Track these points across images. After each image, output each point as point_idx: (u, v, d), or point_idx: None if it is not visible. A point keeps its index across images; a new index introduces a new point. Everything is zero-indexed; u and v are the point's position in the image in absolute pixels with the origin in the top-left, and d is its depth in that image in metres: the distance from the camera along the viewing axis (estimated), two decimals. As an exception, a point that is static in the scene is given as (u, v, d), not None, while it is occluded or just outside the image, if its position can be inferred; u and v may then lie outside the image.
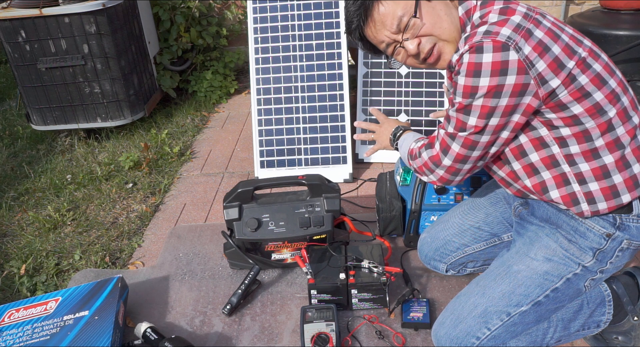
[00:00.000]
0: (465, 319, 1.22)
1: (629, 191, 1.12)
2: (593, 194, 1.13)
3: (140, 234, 2.06)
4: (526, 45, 1.02)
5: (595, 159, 1.11)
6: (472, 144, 1.14)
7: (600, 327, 1.31)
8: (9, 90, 3.94)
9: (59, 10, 2.51)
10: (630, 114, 1.11)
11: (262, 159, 2.36)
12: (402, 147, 1.42)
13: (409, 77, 2.45)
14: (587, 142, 1.10)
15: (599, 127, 1.09)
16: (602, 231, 1.15)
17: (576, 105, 1.07)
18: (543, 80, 1.03)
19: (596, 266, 1.18)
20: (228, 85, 3.43)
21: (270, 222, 1.63)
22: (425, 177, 1.30)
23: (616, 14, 2.75)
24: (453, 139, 1.16)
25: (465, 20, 1.13)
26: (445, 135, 1.18)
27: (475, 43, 1.03)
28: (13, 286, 1.83)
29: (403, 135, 1.45)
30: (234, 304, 1.56)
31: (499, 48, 1.01)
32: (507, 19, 1.04)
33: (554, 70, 1.03)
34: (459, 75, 1.07)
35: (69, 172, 2.59)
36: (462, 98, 1.08)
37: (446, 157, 1.19)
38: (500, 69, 1.01)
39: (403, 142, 1.43)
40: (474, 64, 1.03)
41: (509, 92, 1.04)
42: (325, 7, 2.40)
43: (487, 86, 1.03)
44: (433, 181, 1.28)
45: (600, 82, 1.07)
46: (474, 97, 1.06)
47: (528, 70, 1.02)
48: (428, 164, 1.25)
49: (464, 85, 1.06)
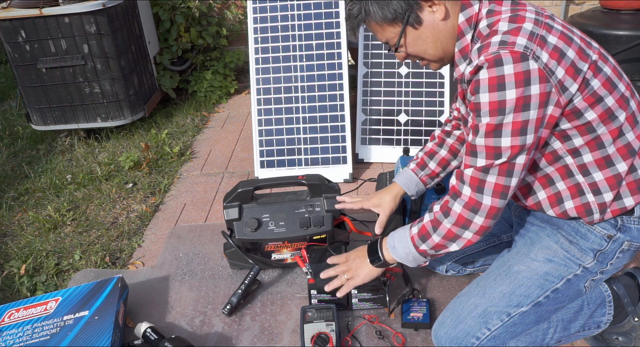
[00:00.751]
0: (465, 319, 1.21)
1: (632, 195, 1.12)
2: (606, 204, 1.12)
3: (140, 234, 2.06)
4: (543, 53, 0.99)
5: (608, 168, 1.10)
6: (509, 169, 1.04)
7: (600, 328, 1.31)
8: (9, 90, 3.94)
9: (59, 10, 2.51)
10: (638, 119, 1.11)
11: (262, 159, 2.36)
12: (396, 246, 1.23)
13: (409, 77, 2.45)
14: (599, 150, 1.08)
15: (611, 134, 1.07)
16: (603, 233, 1.15)
17: (590, 111, 1.05)
18: (563, 88, 1.01)
19: (597, 267, 1.18)
20: (228, 85, 3.43)
21: (270, 222, 1.63)
22: (453, 243, 1.14)
23: (616, 14, 2.75)
24: (487, 172, 1.05)
25: (465, 28, 1.10)
26: (476, 171, 1.07)
27: (492, 55, 0.99)
28: (13, 286, 1.83)
29: (385, 239, 1.27)
30: (234, 304, 1.56)
31: (519, 58, 0.97)
32: (519, 27, 1.01)
33: (572, 75, 1.01)
34: (478, 93, 1.01)
35: (69, 172, 2.59)
36: (490, 116, 1.01)
37: (484, 195, 1.07)
38: (524, 79, 0.97)
39: (393, 241, 1.24)
40: (496, 77, 0.98)
41: (537, 103, 0.99)
42: (325, 7, 2.40)
43: (515, 98, 0.98)
44: (468, 242, 1.14)
45: (611, 86, 1.06)
46: (503, 113, 1.00)
47: (549, 78, 0.99)
48: (463, 217, 1.10)
49: (490, 102, 1.00)
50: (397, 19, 1.10)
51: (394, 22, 1.11)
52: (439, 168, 1.46)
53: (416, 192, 1.49)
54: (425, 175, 1.47)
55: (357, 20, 1.15)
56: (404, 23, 1.11)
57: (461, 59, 1.13)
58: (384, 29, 1.14)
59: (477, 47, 1.05)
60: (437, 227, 1.15)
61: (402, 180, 1.49)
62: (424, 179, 1.47)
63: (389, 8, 1.09)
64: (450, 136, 1.45)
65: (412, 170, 1.48)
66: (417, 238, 1.19)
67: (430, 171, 1.46)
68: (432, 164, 1.46)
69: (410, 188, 1.48)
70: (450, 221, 1.13)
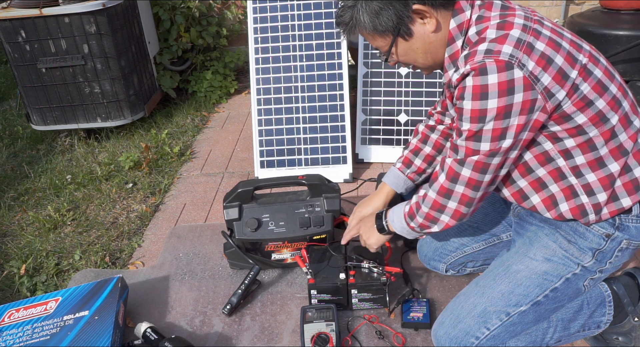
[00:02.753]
0: (465, 319, 1.22)
1: (628, 195, 1.12)
2: (601, 204, 1.12)
3: (140, 234, 2.06)
4: (529, 60, 0.99)
5: (601, 168, 1.10)
6: (483, 167, 1.09)
7: (600, 328, 1.31)
8: (9, 90, 3.94)
9: (59, 10, 2.51)
10: (631, 119, 1.11)
11: (262, 159, 2.36)
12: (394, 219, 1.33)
13: (409, 77, 2.45)
14: (592, 152, 1.09)
15: (603, 136, 1.08)
16: (601, 232, 1.15)
17: (580, 115, 1.05)
18: (550, 94, 1.01)
19: (595, 266, 1.18)
20: (228, 85, 3.43)
21: (270, 222, 1.63)
22: (434, 225, 1.22)
23: (616, 14, 2.75)
24: (462, 165, 1.11)
25: (457, 33, 1.10)
26: (454, 162, 1.12)
27: (477, 64, 1.00)
28: (13, 286, 1.83)
29: (388, 211, 1.37)
30: (234, 304, 1.56)
31: (503, 67, 0.98)
32: (506, 34, 1.01)
33: (558, 82, 1.01)
34: (463, 100, 1.04)
35: (69, 172, 2.59)
36: (471, 123, 1.04)
37: (457, 185, 1.13)
38: (507, 88, 0.99)
39: (393, 214, 1.34)
40: (480, 86, 1.00)
41: (519, 111, 1.01)
42: (325, 7, 2.40)
43: (497, 108, 1.00)
44: (446, 225, 1.21)
45: (601, 89, 1.06)
46: (483, 121, 1.03)
47: (534, 85, 1.00)
48: (438, 202, 1.18)
49: (472, 109, 1.02)
50: (387, 31, 1.11)
51: (385, 33, 1.12)
52: (424, 164, 1.50)
53: (405, 189, 1.54)
54: (411, 172, 1.51)
55: (348, 27, 1.15)
56: (394, 35, 1.11)
57: (450, 65, 1.13)
58: (374, 38, 1.15)
59: (464, 55, 1.05)
60: (419, 209, 1.23)
61: (391, 179, 1.53)
62: (411, 176, 1.51)
63: (379, 20, 1.09)
64: (434, 131, 1.47)
65: (399, 169, 1.52)
66: (407, 216, 1.28)
67: (416, 168, 1.51)
68: (417, 160, 1.50)
69: (399, 186, 1.52)
70: (427, 205, 1.20)
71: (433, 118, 1.48)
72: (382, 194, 1.53)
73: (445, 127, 1.46)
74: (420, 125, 1.51)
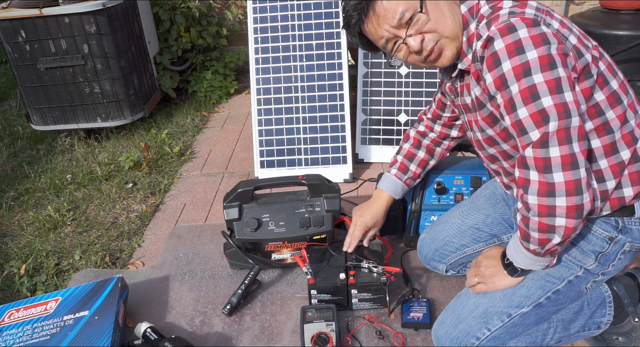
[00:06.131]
0: (466, 319, 1.21)
1: (632, 185, 1.11)
2: (609, 192, 1.11)
3: (140, 234, 2.06)
4: (553, 21, 1.00)
5: (614, 155, 1.09)
6: (566, 135, 0.96)
7: (600, 329, 1.31)
8: (9, 90, 3.94)
9: (59, 10, 2.51)
10: (637, 108, 1.12)
11: (262, 159, 2.36)
12: (514, 254, 1.17)
13: (409, 77, 2.45)
14: (607, 135, 1.07)
15: (618, 118, 1.07)
16: (604, 235, 1.15)
17: (599, 92, 1.05)
18: (579, 53, 1.00)
19: (598, 268, 1.18)
20: (228, 85, 3.43)
21: (270, 222, 1.63)
22: (553, 234, 1.04)
23: (616, 14, 2.75)
24: (547, 146, 0.97)
25: (469, 17, 1.10)
26: (536, 149, 0.98)
27: (503, 24, 0.98)
28: (13, 286, 1.83)
29: (505, 252, 1.21)
30: (234, 304, 1.56)
31: (531, 23, 0.96)
32: (525, 2, 1.03)
33: (583, 46, 1.02)
34: (500, 65, 0.98)
35: (69, 172, 2.59)
36: (518, 81, 0.96)
37: (553, 174, 0.98)
38: (542, 39, 0.95)
39: (510, 250, 1.18)
40: (512, 43, 0.96)
41: (560, 62, 0.95)
42: (325, 7, 2.40)
43: (538, 57, 0.94)
44: (568, 229, 1.02)
45: (612, 72, 1.08)
46: (530, 73, 0.95)
47: (564, 40, 0.99)
48: (543, 205, 1.01)
49: (513, 67, 0.96)
50: None
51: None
52: (419, 169, 1.54)
53: (401, 194, 1.57)
54: (408, 178, 1.54)
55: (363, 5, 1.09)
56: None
57: (469, 49, 1.11)
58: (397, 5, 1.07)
59: (484, 22, 1.04)
60: (528, 223, 1.07)
61: (388, 186, 1.54)
62: (407, 182, 1.55)
63: None
64: (425, 138, 1.52)
65: (396, 176, 1.54)
66: (522, 240, 1.12)
67: (412, 174, 1.54)
68: (412, 166, 1.53)
69: (396, 193, 1.54)
70: (534, 214, 1.04)
71: (423, 123, 1.52)
72: (381, 200, 1.54)
73: (435, 135, 1.50)
74: (411, 131, 1.54)
